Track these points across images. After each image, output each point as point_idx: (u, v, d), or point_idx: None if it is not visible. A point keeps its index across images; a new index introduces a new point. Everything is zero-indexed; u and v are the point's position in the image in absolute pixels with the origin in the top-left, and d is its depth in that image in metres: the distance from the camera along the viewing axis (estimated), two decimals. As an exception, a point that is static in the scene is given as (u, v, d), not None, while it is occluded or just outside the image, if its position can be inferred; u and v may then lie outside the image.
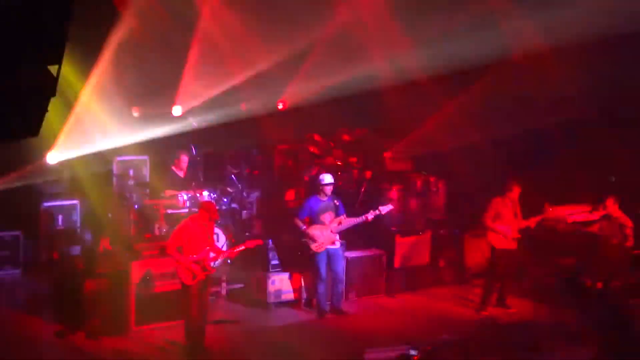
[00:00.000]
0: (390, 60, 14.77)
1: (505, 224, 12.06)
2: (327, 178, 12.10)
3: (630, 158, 13.75)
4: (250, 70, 14.58)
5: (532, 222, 12.10)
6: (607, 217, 12.27)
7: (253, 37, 14.30)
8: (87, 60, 13.35)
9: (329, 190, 12.07)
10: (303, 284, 12.38)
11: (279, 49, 14.45)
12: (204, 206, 10.45)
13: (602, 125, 13.99)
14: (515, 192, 12.12)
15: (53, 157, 13.67)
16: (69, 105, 13.55)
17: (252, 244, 10.64)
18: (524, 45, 14.04)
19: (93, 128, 13.89)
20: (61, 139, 13.59)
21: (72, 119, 13.59)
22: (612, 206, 12.18)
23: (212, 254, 10.34)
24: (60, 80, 6.03)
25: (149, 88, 14.45)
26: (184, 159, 13.41)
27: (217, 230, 12.59)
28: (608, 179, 13.84)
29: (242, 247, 10.56)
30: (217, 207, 13.02)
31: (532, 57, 14.12)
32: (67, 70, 12.98)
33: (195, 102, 14.69)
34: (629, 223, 12.11)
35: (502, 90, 14.37)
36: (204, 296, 10.38)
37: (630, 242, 12.04)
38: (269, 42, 14.34)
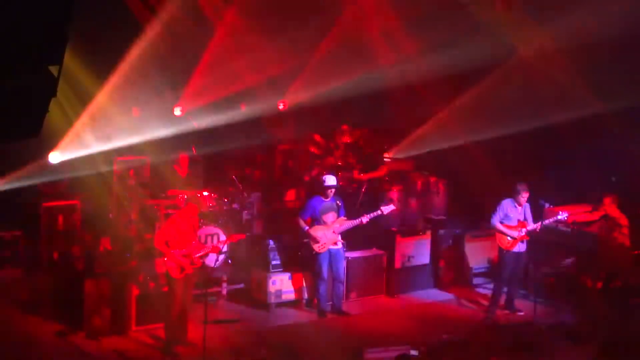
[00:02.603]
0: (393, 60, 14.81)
1: (512, 225, 12.03)
2: (331, 180, 12.13)
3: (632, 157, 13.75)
4: (255, 72, 14.63)
5: (538, 225, 12.07)
6: (605, 217, 12.28)
7: (257, 38, 14.36)
8: (104, 61, 13.46)
9: (331, 191, 12.10)
10: (304, 284, 12.38)
11: (282, 51, 14.48)
12: (192, 199, 10.58)
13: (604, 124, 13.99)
14: (524, 195, 12.09)
15: (55, 157, 13.68)
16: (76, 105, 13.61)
17: (235, 238, 10.85)
18: (526, 46, 14.09)
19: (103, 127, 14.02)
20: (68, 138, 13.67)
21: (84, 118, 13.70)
22: (609, 205, 12.18)
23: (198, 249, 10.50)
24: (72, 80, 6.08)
25: (152, 88, 14.47)
26: (184, 157, 13.42)
27: (217, 230, 12.60)
28: (609, 179, 13.83)
29: (227, 241, 10.79)
30: (213, 203, 13.09)
31: (535, 57, 14.14)
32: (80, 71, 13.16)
33: (198, 103, 14.75)
34: (624, 222, 12.10)
35: (504, 90, 14.38)
36: (188, 291, 10.49)
37: (627, 241, 12.03)
38: (273, 43, 14.38)
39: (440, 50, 14.44)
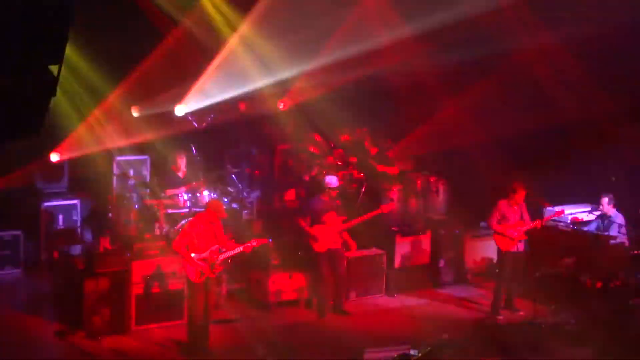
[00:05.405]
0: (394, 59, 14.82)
1: (511, 226, 12.03)
2: (333, 181, 12.17)
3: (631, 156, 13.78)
4: (259, 74, 14.68)
5: (539, 223, 12.07)
6: (602, 217, 12.29)
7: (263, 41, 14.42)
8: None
9: (334, 192, 12.13)
10: (304, 284, 12.38)
11: (284, 52, 14.53)
12: (211, 205, 10.52)
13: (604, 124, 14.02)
14: (521, 194, 12.09)
15: (55, 156, 13.71)
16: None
17: (259, 242, 10.73)
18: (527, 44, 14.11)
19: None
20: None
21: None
22: (606, 205, 12.20)
23: (222, 251, 10.42)
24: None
25: (152, 87, 14.50)
26: (180, 160, 13.42)
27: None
28: (609, 179, 13.84)
29: (251, 245, 10.59)
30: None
31: (536, 56, 14.17)
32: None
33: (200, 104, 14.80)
34: (619, 220, 12.11)
35: (504, 90, 14.41)
36: (210, 295, 10.43)
37: (626, 241, 12.04)
38: (276, 45, 14.42)
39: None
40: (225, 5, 14.25)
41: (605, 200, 12.27)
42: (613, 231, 12.06)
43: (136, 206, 13.32)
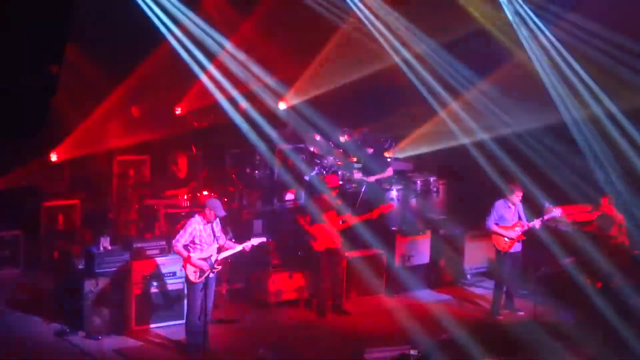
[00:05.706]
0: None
1: (509, 226, 12.03)
2: (334, 181, 12.18)
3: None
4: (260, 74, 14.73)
5: (537, 223, 12.07)
6: (602, 217, 12.31)
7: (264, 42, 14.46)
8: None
9: (334, 192, 12.13)
10: (304, 284, 12.38)
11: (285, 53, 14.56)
12: (210, 205, 10.49)
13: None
14: (518, 194, 12.09)
15: (55, 156, 13.72)
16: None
17: (259, 242, 10.72)
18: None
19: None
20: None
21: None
22: (606, 206, 12.21)
23: (222, 250, 10.40)
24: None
25: (151, 87, 14.51)
26: (180, 160, 13.43)
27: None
28: (609, 178, 13.86)
29: (250, 245, 10.57)
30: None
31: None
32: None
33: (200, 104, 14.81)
34: (619, 220, 12.13)
35: (505, 89, 14.43)
36: (209, 295, 10.43)
37: (626, 241, 12.05)
38: (278, 46, 14.45)
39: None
40: None
41: (605, 200, 12.27)
42: (613, 231, 12.07)
43: (136, 206, 13.32)
